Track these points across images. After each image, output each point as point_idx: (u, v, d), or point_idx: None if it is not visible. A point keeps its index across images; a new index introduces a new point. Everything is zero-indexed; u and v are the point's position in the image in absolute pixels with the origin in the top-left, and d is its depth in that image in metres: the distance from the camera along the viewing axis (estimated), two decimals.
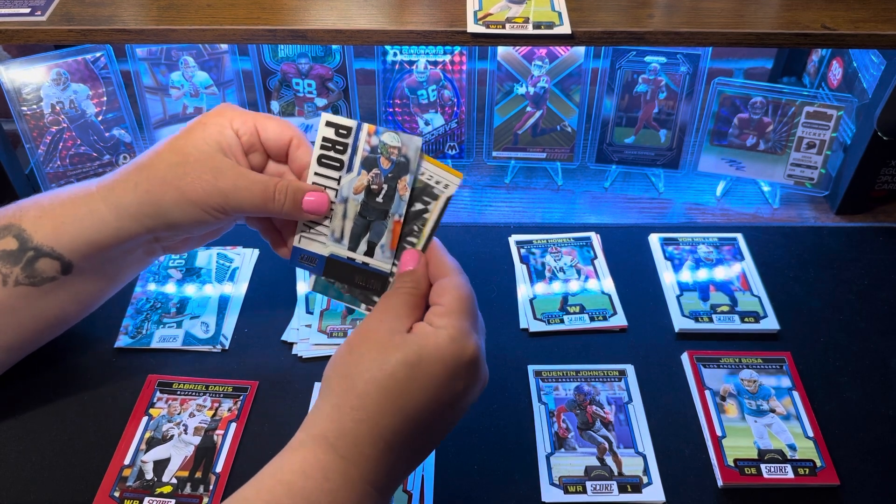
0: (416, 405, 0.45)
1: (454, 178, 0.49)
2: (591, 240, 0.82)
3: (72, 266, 0.57)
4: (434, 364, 0.45)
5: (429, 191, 0.49)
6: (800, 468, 0.62)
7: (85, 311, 0.63)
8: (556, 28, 0.69)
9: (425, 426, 0.46)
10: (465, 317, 0.47)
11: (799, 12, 0.71)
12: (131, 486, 0.60)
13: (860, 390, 0.69)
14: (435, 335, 0.45)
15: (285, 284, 0.77)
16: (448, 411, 0.47)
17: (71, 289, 0.58)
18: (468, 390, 0.47)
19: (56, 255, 0.56)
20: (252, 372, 0.69)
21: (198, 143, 0.53)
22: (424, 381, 0.44)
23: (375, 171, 0.50)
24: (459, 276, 0.49)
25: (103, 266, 0.59)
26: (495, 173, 0.95)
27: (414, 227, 0.50)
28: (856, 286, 0.78)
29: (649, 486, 0.61)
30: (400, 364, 0.44)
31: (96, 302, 0.63)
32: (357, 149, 0.50)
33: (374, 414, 0.44)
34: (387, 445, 0.45)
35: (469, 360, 0.46)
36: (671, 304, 0.76)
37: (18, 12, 0.71)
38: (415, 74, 0.88)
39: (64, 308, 0.60)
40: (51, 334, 0.63)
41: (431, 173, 0.49)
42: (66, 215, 0.56)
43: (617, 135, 0.91)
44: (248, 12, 0.71)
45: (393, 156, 0.49)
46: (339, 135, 0.51)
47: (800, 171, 0.89)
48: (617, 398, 0.67)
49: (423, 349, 0.45)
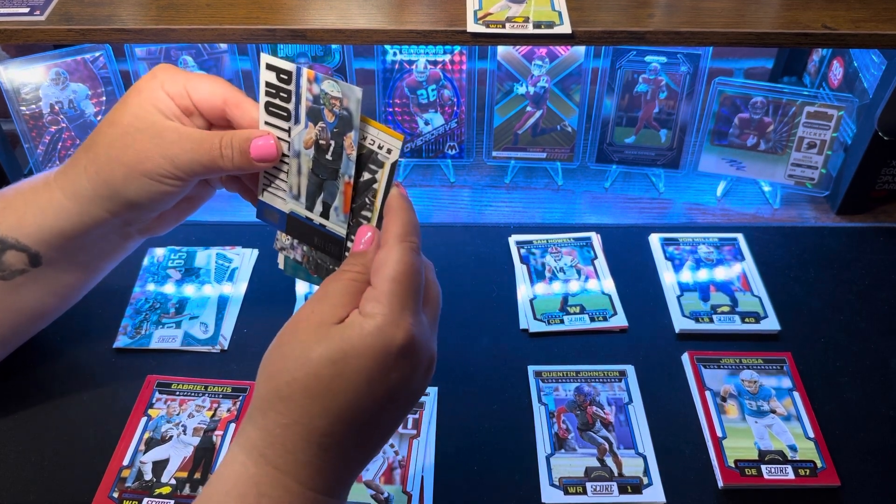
0: (346, 404, 0.41)
1: (395, 140, 0.44)
2: (592, 240, 0.82)
3: (40, 257, 0.55)
4: (359, 358, 0.40)
5: (374, 157, 0.45)
6: (800, 469, 0.62)
7: (66, 303, 0.61)
8: (557, 28, 0.69)
9: (363, 424, 0.42)
10: (399, 298, 0.42)
11: (799, 12, 0.71)
12: (130, 486, 0.60)
13: (861, 391, 0.69)
14: (361, 326, 0.41)
15: (285, 284, 0.77)
16: (389, 405, 0.42)
17: (45, 281, 0.57)
18: (407, 379, 0.42)
19: (22, 247, 0.54)
20: (251, 372, 0.68)
21: (135, 111, 0.50)
22: (351, 377, 0.40)
23: (322, 125, 0.46)
24: (396, 247, 0.43)
25: (76, 255, 0.57)
26: (495, 173, 0.95)
27: (366, 199, 0.47)
28: (856, 286, 0.78)
29: (649, 486, 0.61)
30: (324, 362, 0.40)
31: (76, 293, 0.61)
32: (301, 97, 0.47)
33: (302, 417, 0.41)
34: (321, 448, 0.41)
35: (400, 348, 0.41)
36: (671, 304, 0.76)
37: (17, 12, 0.71)
38: (415, 74, 0.87)
39: (42, 300, 0.58)
40: (33, 328, 0.62)
41: (373, 137, 0.45)
42: (28, 206, 0.54)
43: (617, 135, 0.91)
44: (248, 12, 0.71)
45: (336, 108, 0.45)
46: (280, 80, 0.48)
47: (800, 172, 0.88)
48: (617, 399, 0.67)
49: (347, 343, 0.40)
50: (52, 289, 0.58)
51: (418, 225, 0.45)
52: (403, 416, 0.45)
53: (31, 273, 0.56)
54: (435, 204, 0.91)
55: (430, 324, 0.44)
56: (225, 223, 0.85)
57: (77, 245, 0.56)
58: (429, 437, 0.64)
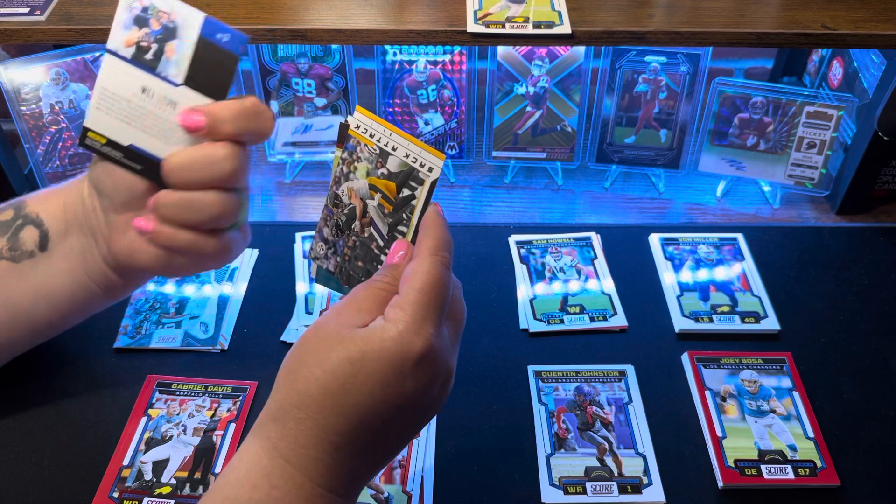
0: (360, 405, 0.41)
1: (437, 159, 0.45)
2: (591, 240, 0.82)
3: (48, 239, 0.55)
4: (377, 362, 0.41)
5: (415, 175, 0.46)
6: (800, 469, 0.62)
7: (50, 315, 0.58)
8: (556, 28, 0.69)
9: (376, 428, 0.42)
10: (423, 308, 0.42)
11: (799, 12, 0.71)
12: (130, 486, 0.60)
13: (860, 390, 0.69)
14: (382, 330, 0.41)
15: (285, 284, 0.77)
16: (402, 413, 0.43)
17: (41, 274, 0.56)
18: (423, 389, 0.43)
19: (38, 223, 0.55)
20: (251, 372, 0.69)
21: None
22: (366, 379, 0.41)
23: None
24: (427, 260, 0.44)
25: (72, 251, 0.56)
26: (495, 173, 0.95)
27: (403, 214, 0.48)
28: (856, 286, 0.78)
29: (649, 486, 0.61)
30: (342, 361, 0.41)
31: (60, 310, 0.58)
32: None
33: (316, 414, 0.41)
34: (332, 447, 0.42)
35: (418, 356, 0.41)
36: (671, 304, 0.76)
37: (17, 12, 0.71)
38: (414, 74, 0.87)
39: (36, 295, 0.57)
40: (28, 331, 0.60)
41: (416, 155, 0.46)
42: (60, 187, 0.56)
43: (617, 135, 0.91)
44: (248, 12, 0.71)
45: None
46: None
47: (800, 171, 0.88)
48: (617, 399, 0.67)
49: (367, 345, 0.41)
50: (41, 287, 0.57)
51: (451, 242, 0.46)
52: (417, 428, 0.46)
53: (35, 259, 0.56)
54: None
55: (451, 339, 0.45)
56: None
57: (78, 233, 0.55)
58: (429, 437, 0.64)
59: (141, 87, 0.49)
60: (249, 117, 0.48)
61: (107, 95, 0.50)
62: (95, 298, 0.58)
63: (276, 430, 0.42)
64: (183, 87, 0.49)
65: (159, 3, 0.48)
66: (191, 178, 0.49)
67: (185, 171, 0.48)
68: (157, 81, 0.49)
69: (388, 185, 0.47)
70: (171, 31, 0.48)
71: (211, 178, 0.49)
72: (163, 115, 0.49)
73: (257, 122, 0.49)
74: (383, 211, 0.48)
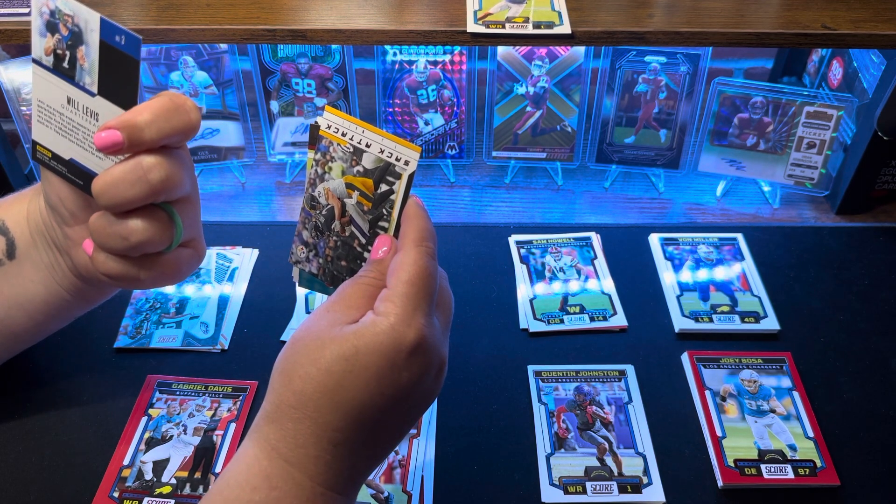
0: (356, 401, 0.41)
1: (412, 152, 0.45)
2: (591, 240, 0.82)
3: (15, 246, 0.54)
4: (371, 356, 0.41)
5: (391, 170, 0.46)
6: (800, 468, 0.62)
7: (28, 323, 0.58)
8: (556, 28, 0.69)
9: (373, 422, 0.42)
10: (412, 299, 0.42)
11: (799, 12, 0.71)
12: (131, 486, 0.60)
13: (860, 390, 0.69)
14: (373, 324, 0.42)
15: (285, 284, 0.77)
16: (399, 405, 0.43)
17: (13, 283, 0.55)
18: (417, 380, 0.43)
19: (3, 230, 0.54)
20: (251, 372, 0.69)
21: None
22: (362, 374, 0.41)
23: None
24: (412, 251, 0.44)
25: (40, 261, 0.55)
26: (495, 173, 0.95)
27: (383, 210, 0.47)
28: (856, 286, 0.78)
29: (649, 486, 0.61)
30: (336, 358, 0.41)
31: (36, 318, 0.57)
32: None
33: (313, 412, 0.41)
34: (331, 444, 0.42)
35: (411, 347, 0.42)
36: (671, 304, 0.76)
37: (18, 12, 0.71)
38: (414, 74, 0.87)
39: (8, 308, 0.56)
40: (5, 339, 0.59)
41: (391, 150, 0.46)
42: (24, 193, 0.55)
43: (617, 135, 0.91)
44: (248, 12, 0.71)
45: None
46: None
47: (800, 171, 0.89)
48: (617, 398, 0.67)
49: (360, 340, 0.41)
50: (18, 296, 0.56)
51: (434, 231, 0.46)
52: (413, 419, 0.46)
53: (5, 267, 0.55)
54: (435, 204, 0.91)
55: (442, 328, 0.45)
56: (225, 223, 0.85)
57: (42, 240, 0.55)
58: (429, 437, 0.64)
59: (66, 97, 0.47)
60: (169, 115, 0.45)
61: (43, 108, 0.48)
62: (72, 306, 0.57)
63: (274, 432, 0.42)
64: (98, 98, 0.45)
65: (62, 5, 0.45)
66: (121, 197, 0.45)
67: (114, 191, 0.45)
68: (77, 91, 0.46)
69: (366, 182, 0.47)
70: (78, 36, 0.45)
71: (142, 193, 0.45)
72: (90, 127, 0.46)
73: (179, 118, 0.45)
74: (362, 208, 0.48)
